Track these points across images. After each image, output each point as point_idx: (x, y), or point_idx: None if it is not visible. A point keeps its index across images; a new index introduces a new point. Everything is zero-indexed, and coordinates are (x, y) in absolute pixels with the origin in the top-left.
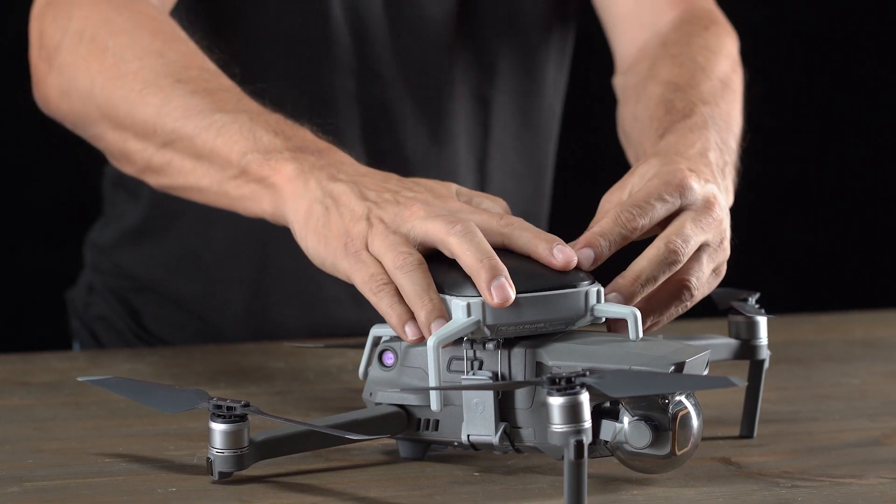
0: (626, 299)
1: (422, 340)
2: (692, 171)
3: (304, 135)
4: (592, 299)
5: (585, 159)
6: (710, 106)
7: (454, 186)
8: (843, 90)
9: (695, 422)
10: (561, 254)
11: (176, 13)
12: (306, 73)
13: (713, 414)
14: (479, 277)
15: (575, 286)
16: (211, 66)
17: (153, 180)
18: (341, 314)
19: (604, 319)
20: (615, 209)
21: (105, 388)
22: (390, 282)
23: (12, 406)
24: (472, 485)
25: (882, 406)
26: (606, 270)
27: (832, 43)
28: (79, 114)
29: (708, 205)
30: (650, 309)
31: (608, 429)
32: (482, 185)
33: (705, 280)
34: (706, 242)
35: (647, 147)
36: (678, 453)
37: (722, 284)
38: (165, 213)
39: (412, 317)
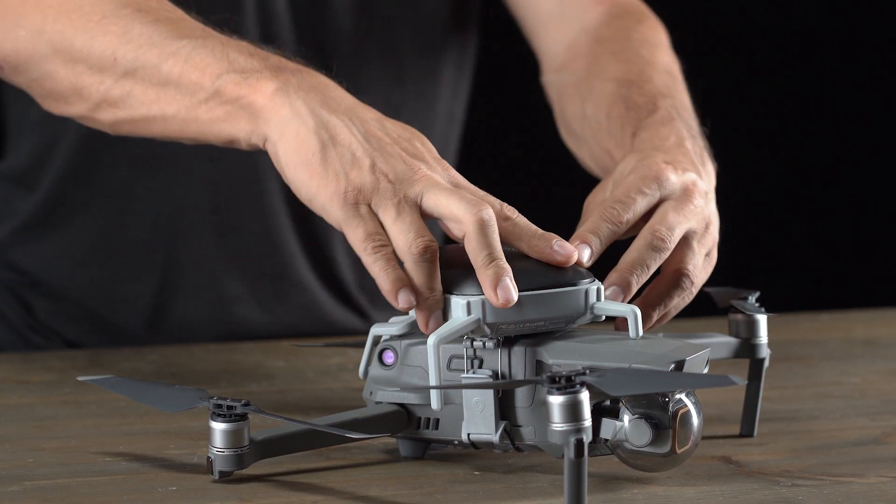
0: (623, 290)
1: (412, 308)
2: (668, 162)
3: (278, 57)
4: (592, 297)
5: (572, 162)
6: (669, 98)
7: None
8: (844, 89)
9: (695, 420)
10: (562, 249)
11: None
12: None
13: (713, 412)
14: (485, 276)
15: (575, 284)
16: (167, 1)
17: (107, 115)
18: (243, 314)
19: (604, 317)
20: (599, 207)
21: (105, 388)
22: (388, 244)
23: (12, 405)
24: (472, 483)
25: (882, 405)
26: (599, 271)
27: (832, 42)
28: (25, 53)
29: (687, 193)
30: (654, 302)
31: (608, 427)
32: None
33: (701, 266)
34: (692, 229)
35: (611, 146)
36: (678, 451)
37: (722, 283)
38: (67, 205)
39: (407, 283)
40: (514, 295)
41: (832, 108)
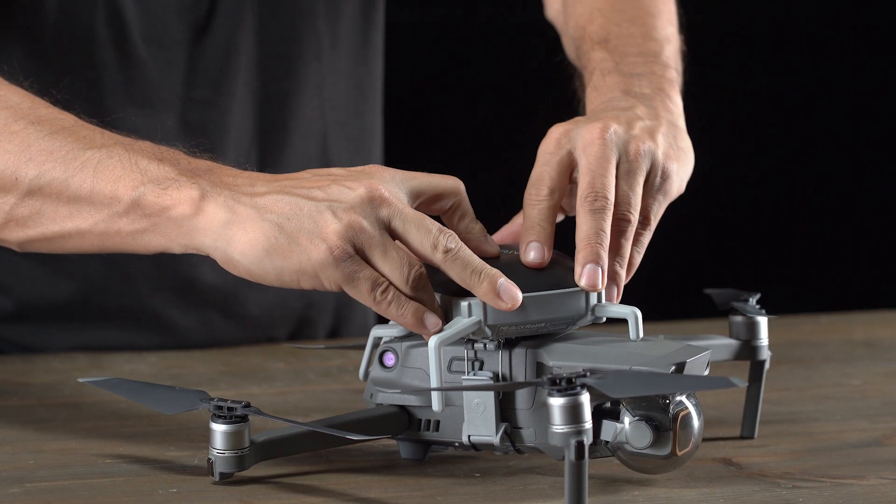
0: (597, 263)
1: (441, 330)
2: (568, 122)
3: (185, 157)
4: (593, 299)
5: None
6: (604, 46)
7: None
8: (845, 91)
9: (695, 422)
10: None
11: None
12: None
13: (714, 414)
14: (481, 290)
15: (576, 286)
16: (54, 107)
17: (16, 235)
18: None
19: (605, 319)
20: (524, 199)
21: (106, 390)
22: (388, 283)
23: (13, 406)
24: (472, 486)
25: (883, 406)
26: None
27: (832, 42)
28: None
29: (593, 136)
30: (610, 257)
31: (609, 429)
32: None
33: (638, 195)
34: (618, 163)
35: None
36: (679, 453)
37: (722, 285)
38: None
39: (423, 309)
40: (518, 293)
41: (833, 109)
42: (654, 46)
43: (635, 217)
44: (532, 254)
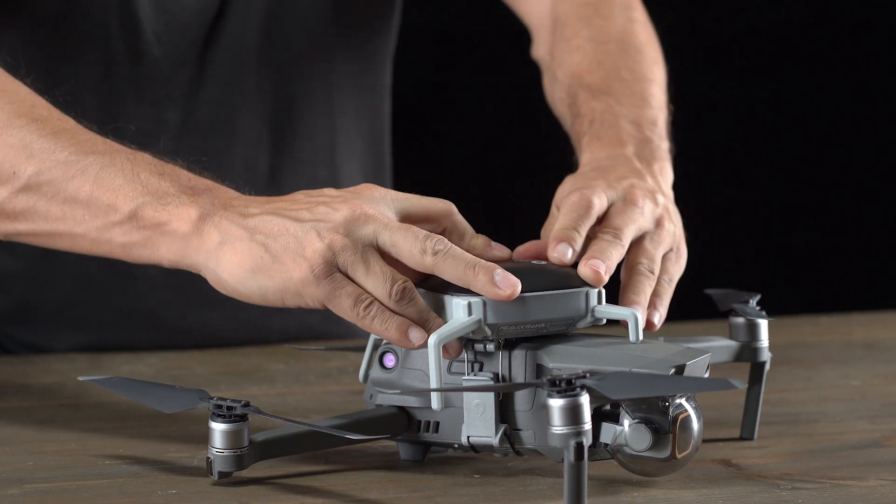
0: (605, 262)
1: (426, 344)
2: (601, 183)
3: (186, 173)
4: (593, 300)
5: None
6: (605, 98)
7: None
8: (845, 92)
9: (695, 424)
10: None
11: None
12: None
13: (713, 416)
14: (478, 282)
15: (576, 286)
16: (55, 108)
17: (3, 227)
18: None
19: (605, 321)
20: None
21: (105, 388)
22: (372, 298)
23: (12, 407)
24: (472, 487)
25: (882, 408)
26: None
27: (832, 42)
28: None
29: (629, 198)
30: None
31: (608, 432)
32: (336, 175)
33: (659, 260)
34: (642, 229)
35: (577, 146)
36: (678, 456)
37: (723, 286)
38: None
39: (408, 322)
40: (517, 281)
41: (833, 111)
42: (651, 114)
43: (656, 272)
44: (558, 251)
